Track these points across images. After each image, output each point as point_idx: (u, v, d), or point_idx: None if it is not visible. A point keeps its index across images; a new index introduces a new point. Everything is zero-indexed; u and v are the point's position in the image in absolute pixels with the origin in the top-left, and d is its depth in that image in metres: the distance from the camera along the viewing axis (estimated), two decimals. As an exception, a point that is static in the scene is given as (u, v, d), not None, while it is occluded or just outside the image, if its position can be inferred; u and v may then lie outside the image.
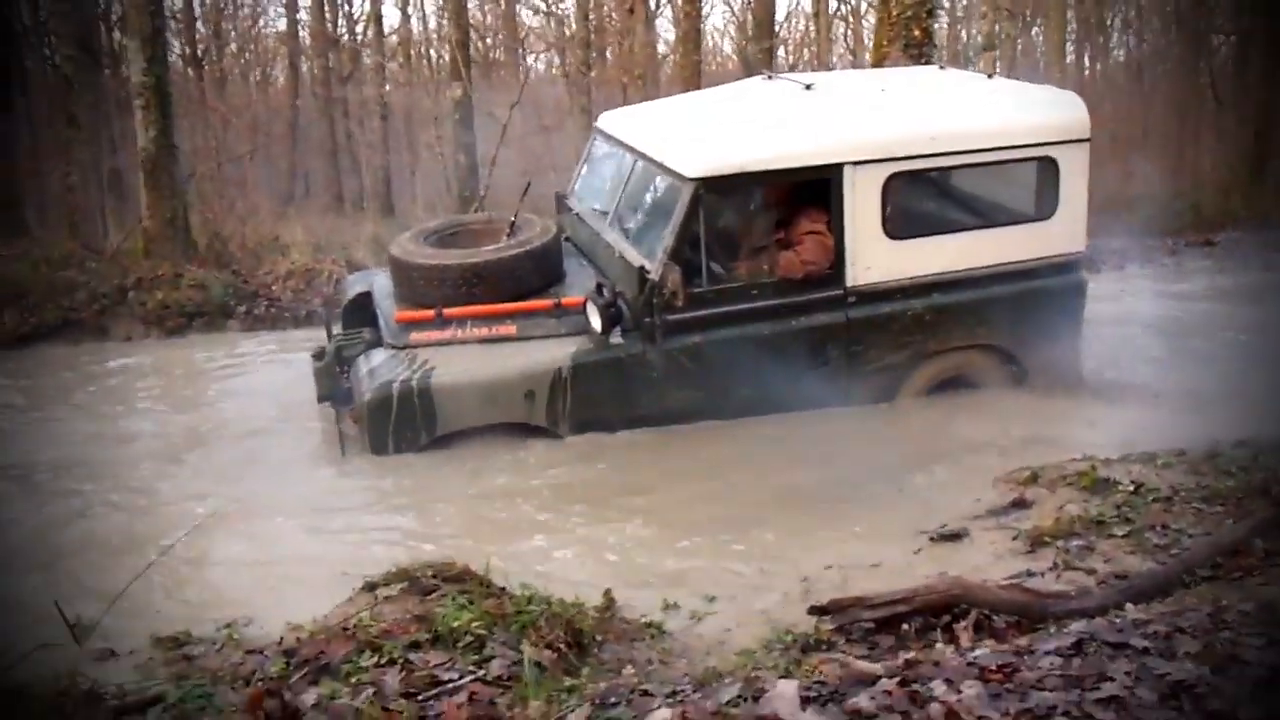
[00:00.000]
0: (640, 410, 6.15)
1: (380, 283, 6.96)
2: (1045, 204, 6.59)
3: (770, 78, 7.50)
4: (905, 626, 3.72)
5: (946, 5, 16.66)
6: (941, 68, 7.84)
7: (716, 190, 6.04)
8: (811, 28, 28.74)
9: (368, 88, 23.99)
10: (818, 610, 3.85)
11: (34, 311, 9.36)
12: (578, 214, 7.24)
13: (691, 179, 5.95)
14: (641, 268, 5.98)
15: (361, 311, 6.96)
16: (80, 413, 7.39)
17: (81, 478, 6.17)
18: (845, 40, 30.29)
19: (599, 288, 6.06)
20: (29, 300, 9.51)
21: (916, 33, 9.26)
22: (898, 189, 6.29)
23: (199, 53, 23.37)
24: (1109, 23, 25.39)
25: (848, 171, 6.11)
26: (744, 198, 6.38)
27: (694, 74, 17.65)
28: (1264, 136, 15.80)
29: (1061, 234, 6.61)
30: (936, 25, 9.25)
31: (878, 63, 9.54)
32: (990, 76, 7.29)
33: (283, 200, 19.59)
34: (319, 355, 6.70)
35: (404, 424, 5.86)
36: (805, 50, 30.01)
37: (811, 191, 6.28)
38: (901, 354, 6.44)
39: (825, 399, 6.33)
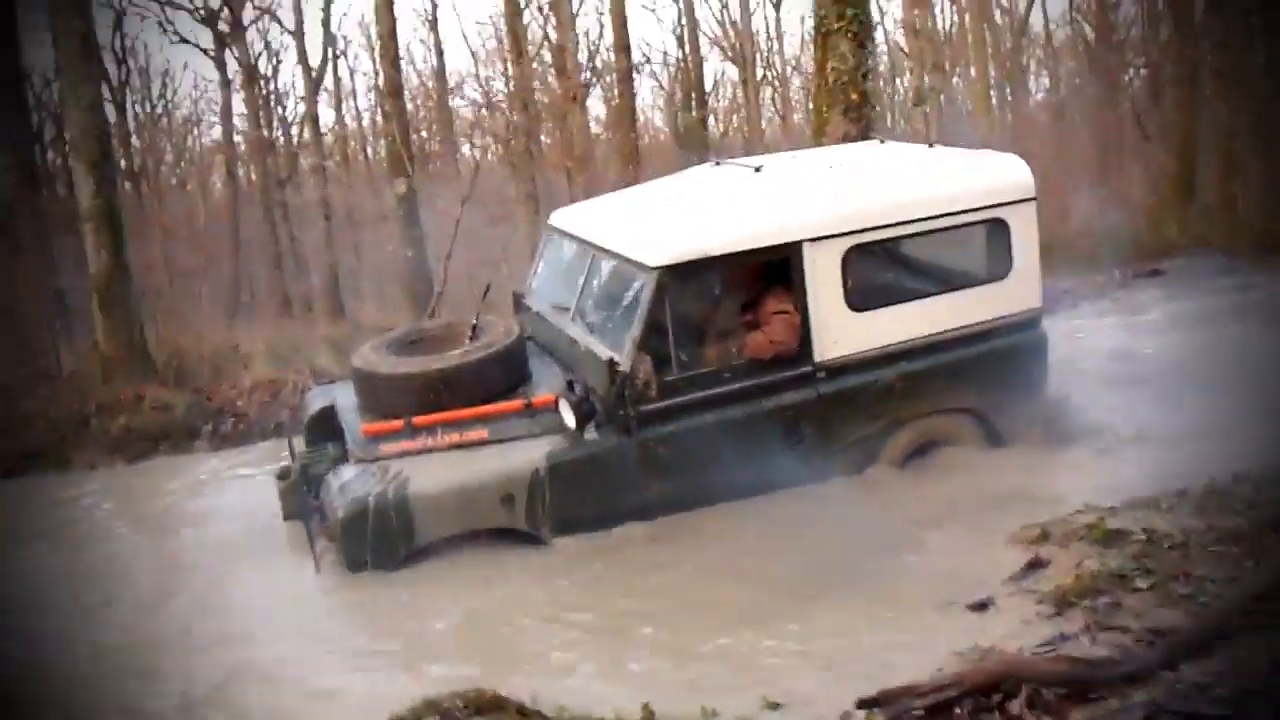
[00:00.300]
0: (621, 505, 6.07)
1: (343, 396, 6.84)
2: (999, 264, 6.65)
3: (718, 163, 7.58)
4: (958, 710, 3.62)
5: (880, 66, 17.03)
6: (881, 141, 7.91)
7: (679, 277, 6.01)
8: (739, 94, 29.42)
9: (308, 189, 23.88)
10: (867, 703, 3.75)
11: None
12: (538, 312, 7.20)
13: (654, 268, 5.96)
14: (611, 360, 5.94)
15: (325, 427, 6.85)
16: (49, 549, 7.09)
17: (61, 616, 5.94)
18: (774, 103, 30.99)
19: (570, 384, 6.03)
20: None
21: (854, 96, 9.30)
22: (856, 262, 6.32)
23: (134, 167, 23.29)
24: (1025, 66, 26.39)
25: (806, 249, 6.16)
26: (707, 283, 6.35)
27: (632, 151, 17.84)
28: (1188, 161, 16.06)
29: (1018, 292, 6.67)
30: (870, 86, 9.39)
31: (819, 128, 9.63)
32: (931, 145, 7.34)
33: (230, 309, 19.44)
34: (284, 475, 6.62)
35: (381, 538, 5.73)
36: (734, 116, 30.62)
37: (775, 272, 6.33)
38: (875, 424, 6.45)
39: (803, 476, 6.30)
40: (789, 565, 5.72)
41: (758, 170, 6.92)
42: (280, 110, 25.28)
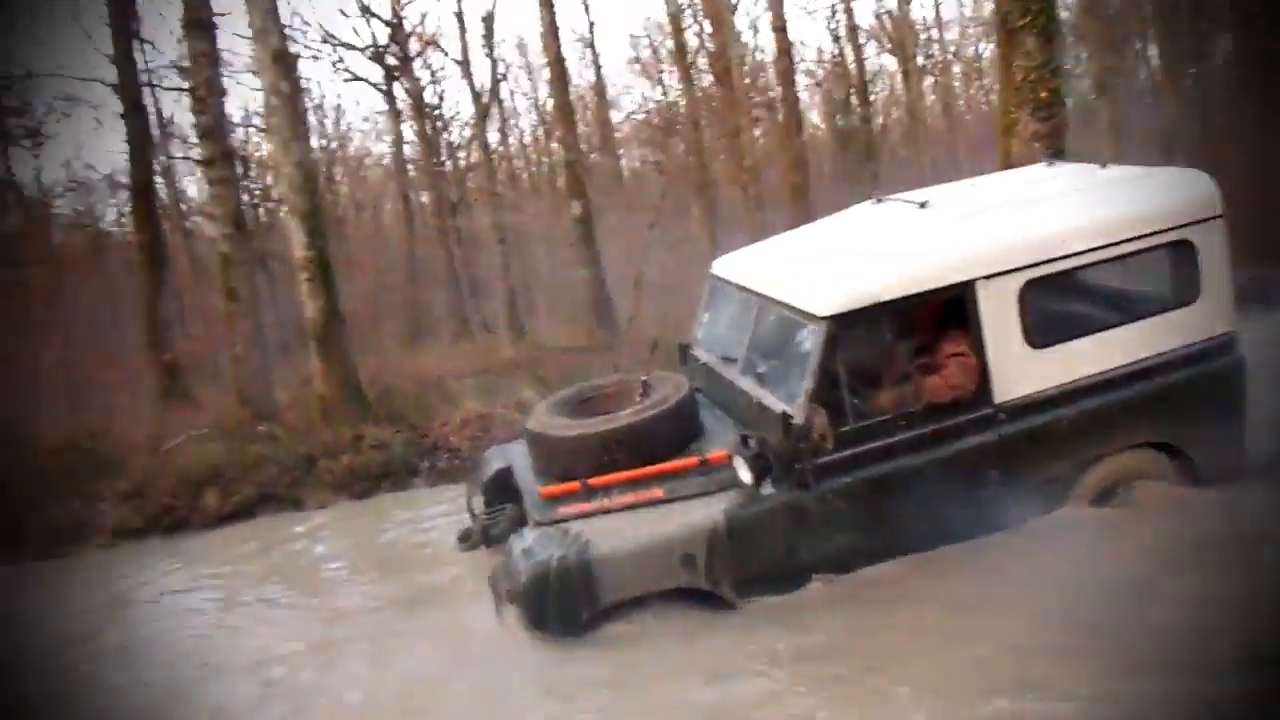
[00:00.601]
0: (801, 560, 5.94)
1: (519, 457, 6.94)
2: (1187, 289, 6.33)
3: (879, 200, 7.37)
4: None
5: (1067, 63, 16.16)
6: (1050, 163, 7.55)
7: (850, 325, 5.87)
8: (898, 85, 28.83)
9: (478, 213, 24.19)
10: None
11: (232, 489, 9.87)
12: (705, 364, 7.15)
13: (824, 317, 5.84)
14: (785, 413, 5.83)
15: (502, 487, 6.97)
16: (292, 588, 7.56)
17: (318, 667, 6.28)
18: (935, 93, 30.17)
19: (744, 439, 5.93)
20: (223, 479, 10.01)
21: (1043, 94, 8.96)
22: (1033, 297, 6.09)
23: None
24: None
25: (980, 287, 5.97)
26: (878, 329, 6.19)
27: (799, 159, 17.71)
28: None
29: (1208, 316, 6.33)
30: (1060, 83, 8.95)
31: (1006, 128, 9.28)
32: (1104, 166, 6.96)
33: (410, 336, 20.02)
34: (464, 537, 6.81)
35: (563, 602, 5.73)
36: (893, 109, 29.89)
37: (948, 312, 6.15)
38: (1063, 464, 6.20)
39: (989, 523, 6.09)
40: (1022, 618, 5.41)
41: (922, 206, 6.72)
42: (447, 136, 25.62)
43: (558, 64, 17.98)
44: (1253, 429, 6.47)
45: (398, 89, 23.80)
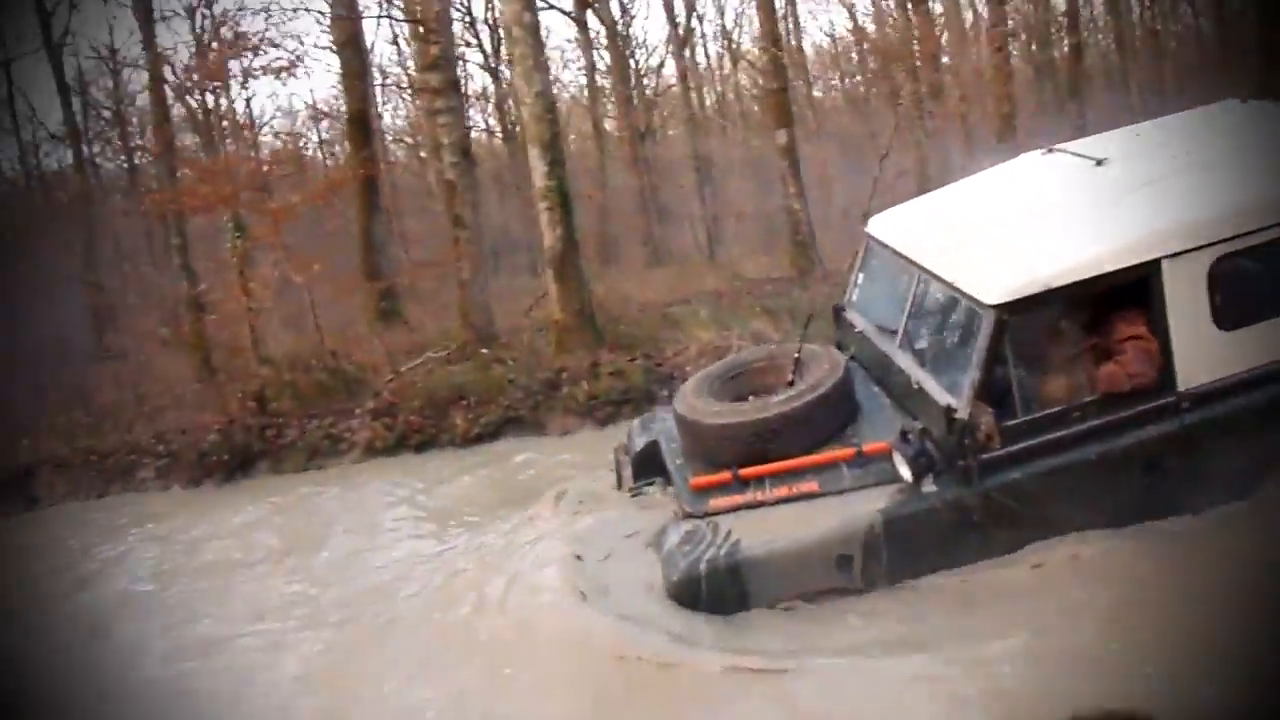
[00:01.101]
0: (960, 558, 5.29)
1: (666, 434, 6.37)
2: None
3: (1049, 151, 6.45)
4: None
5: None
6: (1244, 100, 6.51)
7: (1021, 314, 5.07)
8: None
9: (672, 142, 23.65)
10: None
11: (479, 412, 10.14)
12: (861, 331, 6.41)
13: (993, 306, 5.06)
14: (949, 407, 5.13)
15: (650, 460, 6.46)
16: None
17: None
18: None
19: (903, 434, 5.24)
20: (470, 401, 10.25)
21: None
22: (1225, 275, 5.15)
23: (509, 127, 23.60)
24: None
25: (1166, 266, 5.08)
26: (1050, 316, 5.35)
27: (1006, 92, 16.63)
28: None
29: None
30: None
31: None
32: None
33: (604, 264, 19.74)
34: None
35: (714, 603, 5.24)
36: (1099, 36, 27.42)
37: (1125, 291, 5.24)
38: (1254, 451, 5.33)
39: (1169, 509, 5.35)
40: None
41: (1099, 164, 5.83)
42: (638, 64, 24.76)
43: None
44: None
45: (591, 17, 22.93)
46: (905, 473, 5.23)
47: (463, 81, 20.79)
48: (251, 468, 10.34)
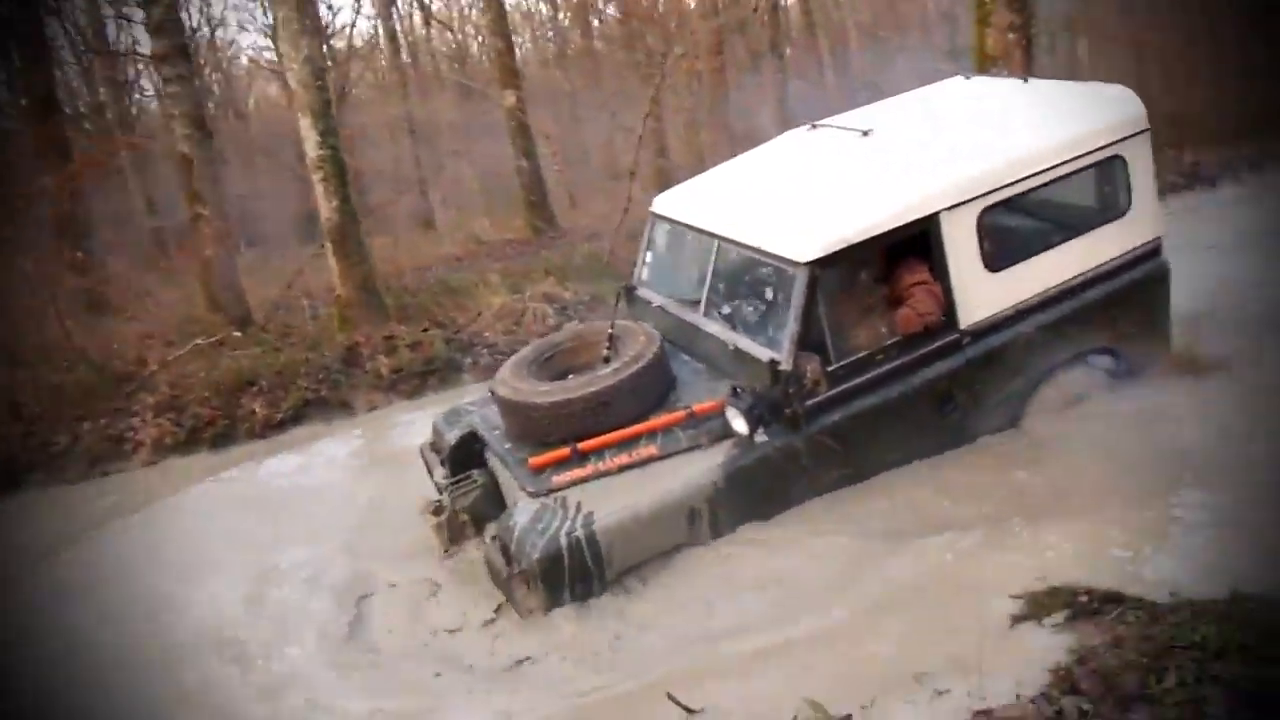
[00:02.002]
0: (793, 499, 5.55)
1: (482, 422, 6.25)
2: (1120, 200, 6.05)
3: (814, 127, 6.79)
4: None
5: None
6: (967, 77, 7.18)
7: (827, 268, 5.37)
8: None
9: (373, 107, 22.56)
10: None
11: (276, 396, 9.38)
12: (660, 306, 6.49)
13: (805, 263, 5.32)
14: (773, 360, 5.35)
15: (466, 454, 6.32)
16: None
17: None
18: None
19: (734, 391, 5.40)
20: (263, 386, 9.46)
21: None
22: (989, 223, 5.68)
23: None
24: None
25: (944, 218, 5.55)
26: (853, 269, 5.71)
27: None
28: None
29: (1140, 225, 6.10)
30: None
31: (983, 18, 9.11)
32: (1025, 80, 6.68)
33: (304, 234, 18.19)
34: (438, 511, 6.09)
35: (578, 577, 5.20)
36: None
37: (909, 243, 5.66)
38: (1019, 381, 5.95)
39: (955, 441, 5.90)
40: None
41: (865, 134, 6.21)
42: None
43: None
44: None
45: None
46: (740, 426, 5.33)
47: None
48: (24, 481, 9.02)
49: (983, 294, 5.81)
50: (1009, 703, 3.67)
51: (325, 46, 21.51)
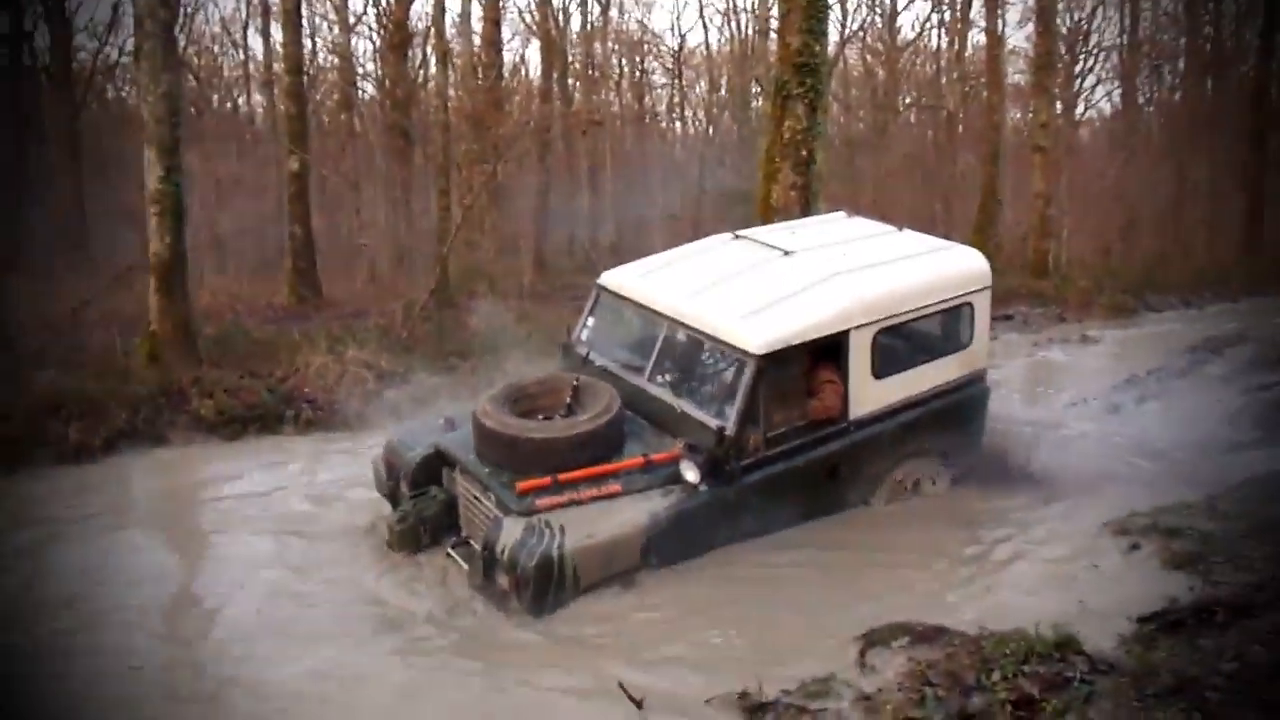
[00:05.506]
0: (719, 540, 6.71)
1: (455, 444, 7.03)
2: (966, 335, 7.68)
3: (737, 237, 8.14)
4: None
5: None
6: (849, 215, 8.72)
7: (773, 360, 6.62)
8: None
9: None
10: None
11: (88, 424, 9.27)
12: (602, 366, 7.47)
13: (756, 355, 6.56)
14: (721, 427, 6.54)
15: (429, 470, 7.14)
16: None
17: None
18: None
19: (689, 447, 6.54)
20: (74, 412, 9.33)
21: (804, 153, 10.28)
22: (880, 340, 7.14)
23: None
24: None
25: (853, 334, 6.97)
26: (790, 362, 6.94)
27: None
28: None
29: (975, 357, 7.75)
30: (819, 145, 10.66)
31: (770, 175, 10.49)
32: (900, 230, 8.25)
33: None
34: (403, 519, 6.93)
35: (560, 587, 6.15)
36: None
37: (826, 348, 7.04)
38: (883, 463, 7.42)
39: (838, 505, 7.35)
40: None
41: (787, 254, 7.62)
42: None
43: (296, 13, 16.98)
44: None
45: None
46: (693, 476, 6.45)
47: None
48: None
49: (868, 394, 7.23)
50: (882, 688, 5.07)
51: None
